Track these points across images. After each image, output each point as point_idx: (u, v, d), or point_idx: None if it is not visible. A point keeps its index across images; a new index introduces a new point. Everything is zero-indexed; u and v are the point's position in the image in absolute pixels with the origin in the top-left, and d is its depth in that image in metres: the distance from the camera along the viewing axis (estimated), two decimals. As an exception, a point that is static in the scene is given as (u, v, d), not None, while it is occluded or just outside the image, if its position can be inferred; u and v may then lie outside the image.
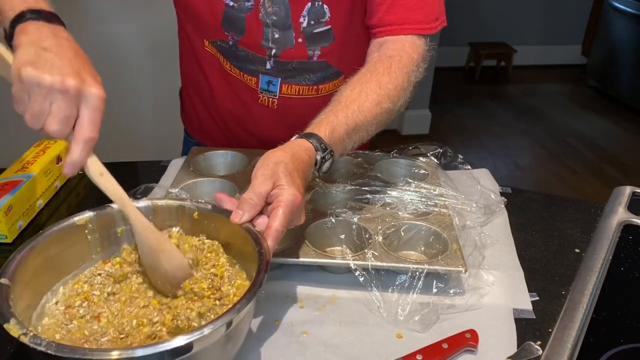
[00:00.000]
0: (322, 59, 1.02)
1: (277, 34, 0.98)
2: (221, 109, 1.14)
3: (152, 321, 0.64)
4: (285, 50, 1.00)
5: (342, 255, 0.83)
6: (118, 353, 0.52)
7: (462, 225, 0.91)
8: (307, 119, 0.89)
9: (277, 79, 1.03)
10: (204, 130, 1.22)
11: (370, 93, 0.88)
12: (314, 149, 0.80)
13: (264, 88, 1.05)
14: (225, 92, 1.11)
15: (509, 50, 4.52)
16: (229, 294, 0.67)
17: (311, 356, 0.71)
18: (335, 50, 1.01)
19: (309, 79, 1.04)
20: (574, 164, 3.34)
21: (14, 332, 0.53)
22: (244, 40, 1.00)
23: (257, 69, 1.03)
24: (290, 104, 1.06)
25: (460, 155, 1.08)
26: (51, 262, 0.68)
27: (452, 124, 3.78)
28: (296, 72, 1.03)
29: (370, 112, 0.87)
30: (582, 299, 0.79)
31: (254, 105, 1.09)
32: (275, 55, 1.01)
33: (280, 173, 0.72)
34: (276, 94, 1.05)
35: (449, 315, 0.78)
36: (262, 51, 1.01)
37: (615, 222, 0.96)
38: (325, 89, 1.06)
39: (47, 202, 1.04)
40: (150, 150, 2.28)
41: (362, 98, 0.87)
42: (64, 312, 0.66)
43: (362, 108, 0.86)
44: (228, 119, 1.15)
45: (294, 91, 1.05)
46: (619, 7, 3.98)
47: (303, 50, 1.00)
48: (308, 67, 1.02)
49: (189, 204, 0.75)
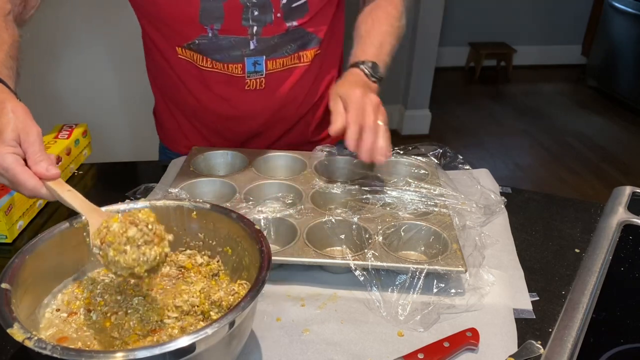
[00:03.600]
0: (298, 27, 1.08)
1: (257, 11, 1.02)
2: (203, 114, 1.16)
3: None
4: (265, 26, 1.04)
5: (342, 255, 0.83)
6: (122, 355, 0.52)
7: (462, 225, 0.91)
8: (293, 89, 1.13)
9: (261, 58, 1.07)
10: (187, 140, 1.21)
11: (382, 20, 1.09)
12: (356, 68, 1.01)
13: (250, 71, 1.08)
14: (206, 96, 1.12)
15: (509, 50, 4.52)
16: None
17: (313, 354, 0.71)
18: (310, 20, 1.08)
19: (290, 49, 1.09)
20: (574, 164, 3.34)
21: (18, 337, 0.53)
22: (225, 27, 1.03)
23: (242, 53, 1.06)
24: (276, 78, 1.11)
25: (460, 155, 1.08)
26: (51, 265, 0.68)
27: (452, 124, 3.78)
28: (278, 46, 1.07)
29: (387, 33, 1.09)
30: (582, 299, 0.79)
31: (240, 95, 1.10)
32: (257, 33, 1.04)
33: (341, 92, 0.93)
34: (263, 73, 1.09)
35: (450, 315, 0.78)
36: (243, 31, 1.03)
37: (615, 222, 0.96)
38: (306, 56, 1.12)
39: (47, 202, 1.04)
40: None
41: (376, 26, 1.08)
42: (65, 318, 0.66)
43: (380, 31, 1.08)
44: (211, 122, 1.17)
45: (279, 65, 1.10)
46: (619, 7, 3.98)
47: (282, 24, 1.05)
48: (287, 38, 1.07)
49: (187, 203, 0.75)
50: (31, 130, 0.71)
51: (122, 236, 0.62)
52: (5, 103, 0.72)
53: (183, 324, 0.66)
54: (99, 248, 0.63)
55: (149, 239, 0.62)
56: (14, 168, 0.68)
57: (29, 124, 0.72)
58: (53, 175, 0.70)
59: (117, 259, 0.62)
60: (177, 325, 0.65)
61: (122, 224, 0.63)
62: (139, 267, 0.62)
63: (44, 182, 0.70)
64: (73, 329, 0.65)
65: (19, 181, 0.68)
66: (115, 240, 0.62)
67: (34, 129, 0.71)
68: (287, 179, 1.01)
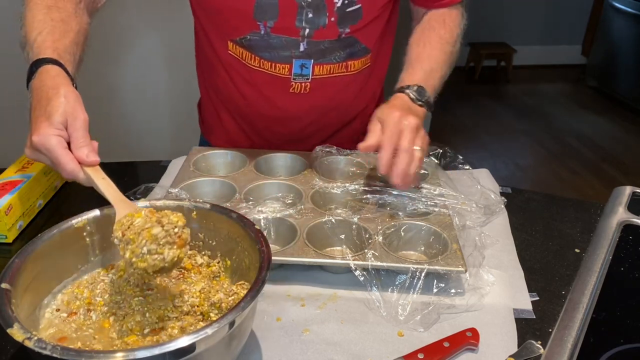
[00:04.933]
0: (350, 35, 1.05)
1: (311, 13, 1.01)
2: (247, 111, 1.15)
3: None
4: (318, 29, 1.03)
5: (342, 255, 0.83)
6: (122, 355, 0.52)
7: (462, 225, 0.91)
8: (337, 98, 1.11)
9: (309, 61, 1.06)
10: (228, 136, 1.22)
11: (434, 44, 1.06)
12: (401, 92, 0.98)
13: (297, 73, 1.07)
14: (252, 95, 1.11)
15: (509, 50, 4.52)
16: None
17: (313, 354, 0.71)
18: (362, 27, 1.06)
19: (338, 57, 1.07)
20: (574, 164, 3.34)
21: (18, 337, 0.53)
22: (278, 25, 1.02)
23: (291, 54, 1.05)
24: (321, 84, 1.09)
25: (460, 155, 1.08)
26: (50, 265, 0.68)
27: (452, 124, 3.78)
28: (327, 52, 1.06)
29: (439, 58, 1.05)
30: (582, 299, 0.79)
31: (285, 96, 1.09)
32: (309, 35, 1.03)
33: (380, 115, 0.91)
34: (309, 77, 1.07)
35: (450, 315, 0.78)
36: (296, 32, 1.02)
37: (615, 222, 0.96)
38: (354, 65, 1.09)
39: (47, 202, 1.04)
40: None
41: (427, 50, 1.05)
42: (64, 318, 0.66)
43: (431, 56, 1.05)
44: (255, 120, 1.16)
45: (326, 71, 1.08)
46: (619, 7, 3.98)
47: (334, 29, 1.03)
48: (337, 44, 1.05)
49: (187, 203, 0.75)
50: (79, 116, 0.75)
51: (142, 234, 0.62)
52: (59, 88, 0.77)
53: (183, 324, 0.66)
54: (119, 240, 0.64)
55: (171, 240, 0.63)
56: (56, 150, 0.72)
57: (78, 110, 0.76)
58: (92, 162, 0.74)
59: (133, 261, 0.62)
60: (177, 325, 0.65)
61: (146, 218, 0.64)
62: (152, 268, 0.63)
63: (82, 167, 0.73)
64: (73, 329, 0.65)
65: (60, 163, 0.73)
66: (135, 240, 0.62)
67: (81, 115, 0.76)
68: (287, 179, 1.01)
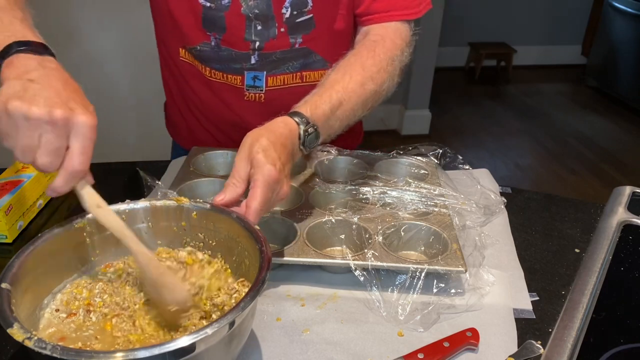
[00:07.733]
0: (304, 45, 1.04)
1: (260, 25, 0.99)
2: (208, 114, 1.15)
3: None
4: (268, 41, 1.01)
5: (342, 255, 0.83)
6: (122, 355, 0.52)
7: (462, 225, 0.91)
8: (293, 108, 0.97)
9: (262, 73, 1.05)
10: (194, 137, 1.21)
11: (354, 75, 0.92)
12: (294, 123, 0.83)
13: (250, 85, 1.06)
14: (209, 98, 1.11)
15: (509, 50, 4.52)
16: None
17: (313, 354, 0.71)
18: (316, 37, 1.03)
19: (292, 67, 1.05)
20: (574, 164, 3.34)
21: (18, 337, 0.53)
22: (226, 38, 1.01)
23: (242, 67, 1.04)
24: (276, 95, 1.07)
25: (460, 155, 1.08)
26: (51, 265, 0.68)
27: (452, 124, 3.78)
28: (280, 62, 1.04)
29: (355, 92, 0.91)
30: (582, 299, 0.79)
31: (241, 103, 1.09)
32: (259, 47, 1.02)
33: (254, 153, 0.74)
34: (262, 89, 1.06)
35: (450, 315, 0.78)
36: (245, 46, 1.02)
37: (615, 222, 0.96)
38: (309, 76, 1.08)
39: (47, 202, 1.04)
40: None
41: (345, 79, 0.91)
42: (64, 319, 0.66)
43: (347, 88, 0.91)
44: (217, 122, 1.16)
45: (280, 81, 1.06)
46: (619, 7, 3.98)
47: (285, 39, 1.02)
48: (290, 55, 1.04)
49: (187, 204, 0.75)
50: None
51: None
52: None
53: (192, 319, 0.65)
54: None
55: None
56: (93, 139, 0.64)
57: None
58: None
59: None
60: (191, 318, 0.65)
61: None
62: None
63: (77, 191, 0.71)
64: (72, 329, 0.65)
65: (83, 153, 0.64)
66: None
67: None
68: (287, 179, 1.01)
